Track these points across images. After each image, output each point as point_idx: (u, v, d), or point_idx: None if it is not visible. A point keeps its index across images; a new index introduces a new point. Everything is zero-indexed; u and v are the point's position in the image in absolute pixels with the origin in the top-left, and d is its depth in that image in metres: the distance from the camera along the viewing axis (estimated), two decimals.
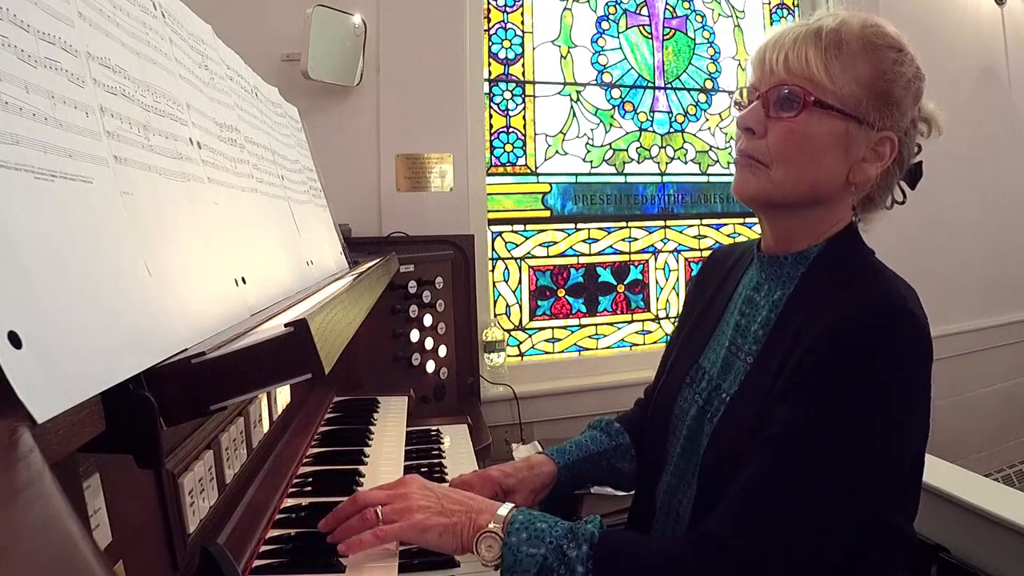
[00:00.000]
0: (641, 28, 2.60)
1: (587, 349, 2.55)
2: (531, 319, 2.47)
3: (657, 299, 2.64)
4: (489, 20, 2.36)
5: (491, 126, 2.38)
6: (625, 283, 2.60)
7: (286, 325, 0.50)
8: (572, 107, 2.50)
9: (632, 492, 1.17)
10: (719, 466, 0.87)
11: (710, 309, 1.06)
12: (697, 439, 0.95)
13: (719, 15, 2.70)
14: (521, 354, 2.46)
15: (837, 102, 0.85)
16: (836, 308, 0.81)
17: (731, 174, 0.96)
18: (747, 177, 0.90)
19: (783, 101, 0.86)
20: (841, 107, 0.85)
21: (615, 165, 2.57)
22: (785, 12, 2.80)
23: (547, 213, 2.48)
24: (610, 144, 2.56)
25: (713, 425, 0.92)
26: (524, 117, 2.42)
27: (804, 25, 0.88)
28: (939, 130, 0.93)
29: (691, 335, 1.07)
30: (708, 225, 2.71)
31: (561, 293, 2.51)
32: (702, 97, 2.69)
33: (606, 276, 2.58)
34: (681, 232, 2.66)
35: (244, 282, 0.71)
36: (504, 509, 0.82)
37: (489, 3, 2.35)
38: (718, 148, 2.72)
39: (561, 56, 2.48)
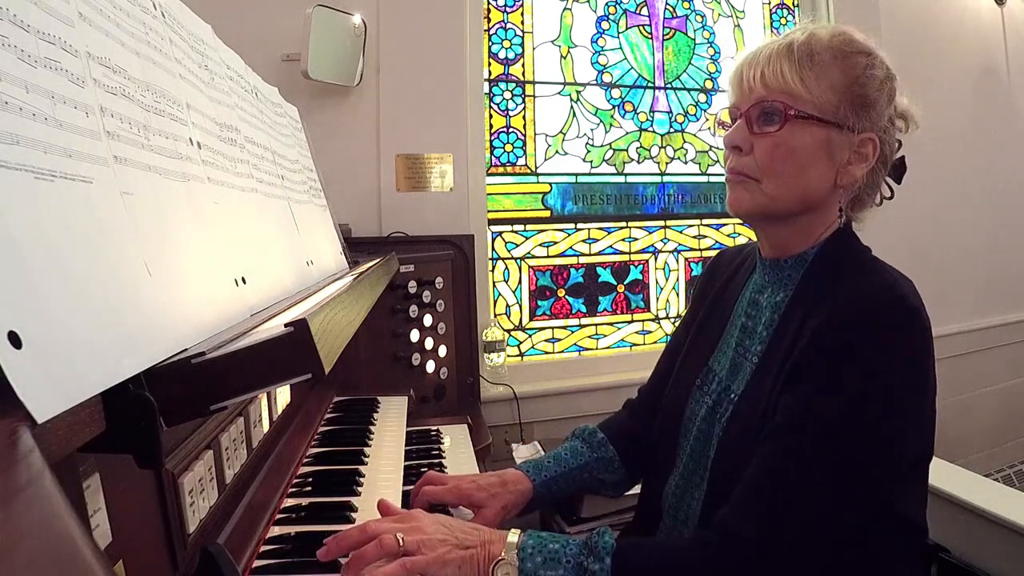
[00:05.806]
0: (641, 28, 2.60)
1: (587, 349, 2.55)
2: (531, 319, 2.47)
3: (657, 299, 2.64)
4: (489, 20, 2.36)
5: (491, 126, 2.38)
6: (625, 283, 2.60)
7: (286, 325, 0.50)
8: (572, 107, 2.50)
9: (618, 495, 1.19)
10: (729, 466, 0.88)
11: (716, 310, 1.07)
12: (707, 440, 0.96)
13: (719, 15, 2.70)
14: (521, 354, 2.46)
15: (816, 111, 0.87)
16: (835, 299, 0.83)
17: None
18: (741, 194, 0.93)
19: (765, 116, 0.89)
20: (820, 115, 0.87)
21: (615, 165, 2.57)
22: (785, 12, 2.80)
23: (547, 213, 2.48)
24: (610, 144, 2.56)
25: (722, 425, 0.93)
26: (524, 117, 2.42)
27: (775, 42, 0.91)
28: (916, 124, 0.96)
29: (698, 337, 1.08)
30: (708, 225, 2.71)
31: (561, 293, 2.51)
32: (702, 97, 2.69)
33: (606, 276, 2.58)
34: (681, 232, 2.66)
35: (244, 282, 0.71)
36: (513, 536, 0.82)
37: (489, 3, 2.35)
38: (718, 148, 2.71)
39: (561, 56, 2.48)
